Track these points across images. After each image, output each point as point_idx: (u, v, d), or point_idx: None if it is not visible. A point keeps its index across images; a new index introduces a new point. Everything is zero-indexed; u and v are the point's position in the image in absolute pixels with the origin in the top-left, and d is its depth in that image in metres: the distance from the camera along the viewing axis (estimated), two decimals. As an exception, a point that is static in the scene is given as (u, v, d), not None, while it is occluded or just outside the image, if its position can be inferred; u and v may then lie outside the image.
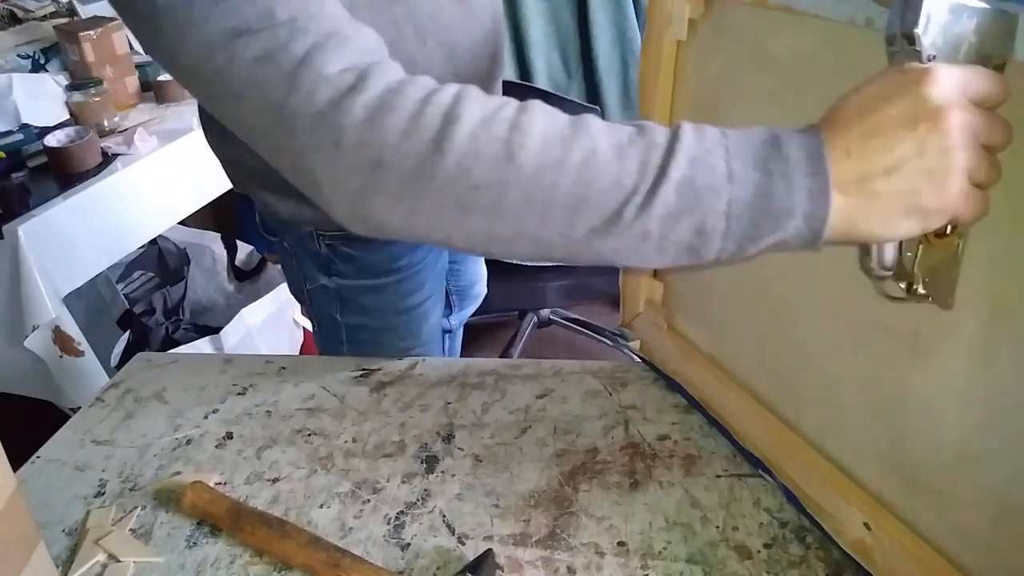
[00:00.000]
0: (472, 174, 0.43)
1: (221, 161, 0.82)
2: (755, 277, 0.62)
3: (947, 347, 0.47)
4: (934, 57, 0.41)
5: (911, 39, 0.41)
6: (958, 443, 0.47)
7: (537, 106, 0.46)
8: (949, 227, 0.44)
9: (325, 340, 0.96)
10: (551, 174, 0.43)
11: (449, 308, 1.16)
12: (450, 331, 1.20)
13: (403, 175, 0.44)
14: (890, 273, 0.46)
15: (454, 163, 0.43)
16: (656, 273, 0.78)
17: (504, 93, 0.96)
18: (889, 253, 0.45)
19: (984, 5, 0.41)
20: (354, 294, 0.88)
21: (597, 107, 1.72)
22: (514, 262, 1.71)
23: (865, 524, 0.54)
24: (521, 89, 1.59)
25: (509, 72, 1.81)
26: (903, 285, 0.47)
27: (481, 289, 1.21)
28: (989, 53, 0.42)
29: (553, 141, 0.43)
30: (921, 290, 0.47)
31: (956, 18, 0.41)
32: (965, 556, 0.48)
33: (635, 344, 0.81)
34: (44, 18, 1.98)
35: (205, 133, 0.80)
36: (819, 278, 0.56)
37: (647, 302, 0.80)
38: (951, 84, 0.40)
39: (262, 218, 0.88)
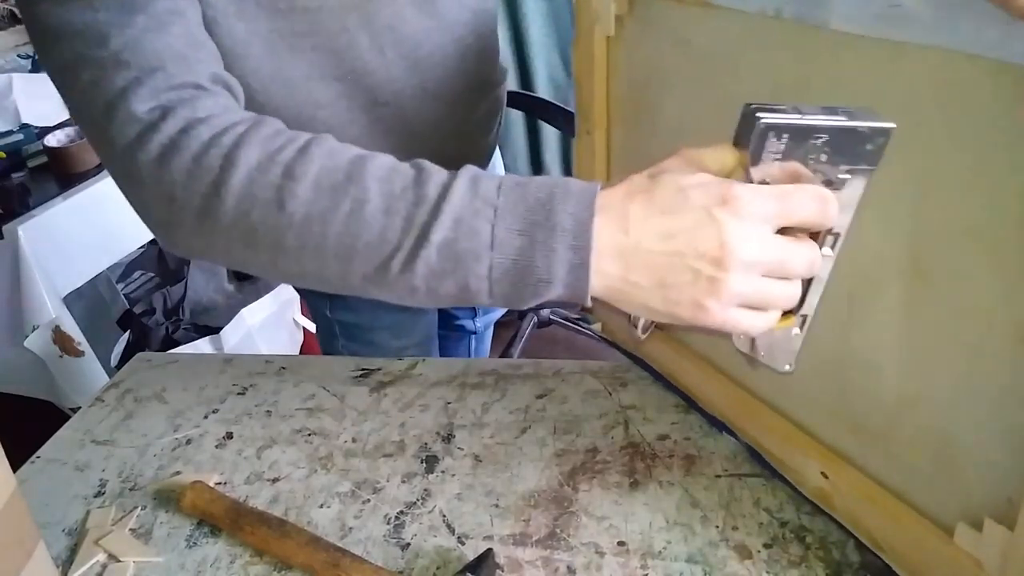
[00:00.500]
0: (249, 217, 0.45)
1: None
2: None
3: (878, 306, 0.50)
4: (765, 181, 0.42)
5: (743, 157, 0.42)
6: (896, 390, 0.51)
7: (320, 148, 0.46)
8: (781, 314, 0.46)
9: (323, 336, 0.96)
10: (320, 224, 0.44)
11: (473, 310, 1.16)
12: (475, 332, 1.18)
13: (192, 212, 0.47)
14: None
15: (232, 207, 0.45)
16: None
17: (515, 103, 0.96)
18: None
19: (830, 123, 0.40)
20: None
21: None
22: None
23: (823, 473, 0.57)
24: (522, 99, 1.59)
25: (509, 72, 1.81)
26: (745, 350, 0.56)
27: None
28: (851, 166, 0.42)
29: (324, 190, 0.45)
30: (761, 357, 0.54)
31: (796, 142, 0.41)
32: (913, 492, 0.52)
33: (596, 326, 0.81)
34: (44, 18, 1.97)
35: None
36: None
37: None
38: (759, 215, 0.40)
39: None
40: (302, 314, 1.90)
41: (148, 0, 0.49)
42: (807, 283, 0.47)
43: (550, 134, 2.00)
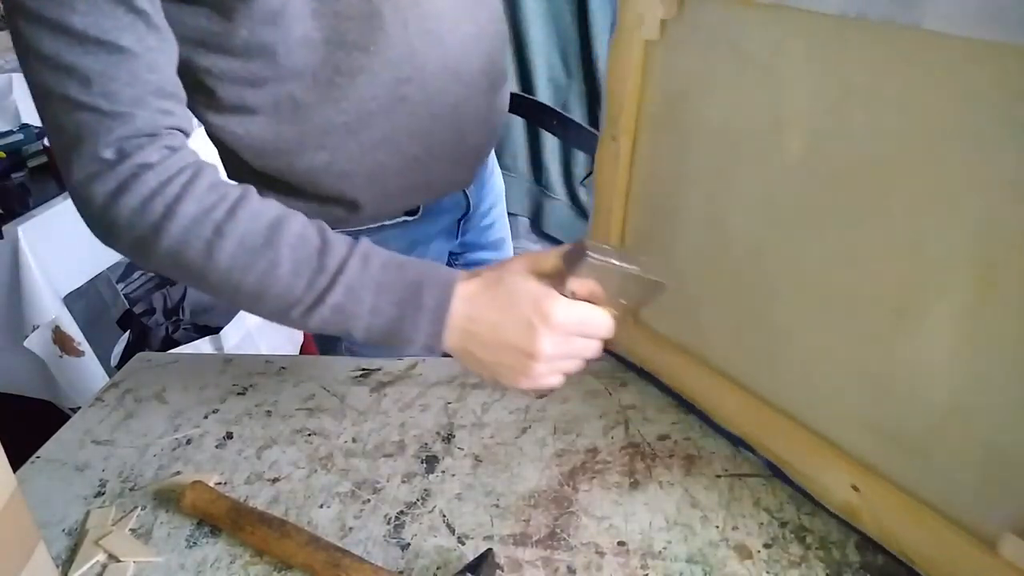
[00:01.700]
0: (181, 258, 0.56)
1: (220, 157, 0.82)
2: (729, 262, 0.63)
3: (934, 316, 0.48)
4: (574, 294, 0.58)
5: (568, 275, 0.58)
6: (946, 401, 0.49)
7: (245, 211, 0.56)
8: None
9: (323, 341, 0.96)
10: (239, 274, 0.56)
11: None
12: None
13: (129, 243, 0.57)
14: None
15: (166, 248, 0.56)
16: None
17: (512, 106, 0.97)
18: None
19: (624, 269, 0.58)
20: None
21: (595, 115, 1.72)
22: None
23: (853, 487, 0.56)
24: (528, 104, 1.59)
25: (509, 72, 1.81)
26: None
27: None
28: (631, 295, 0.61)
29: (247, 249, 0.56)
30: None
31: (603, 275, 0.58)
32: (952, 504, 0.51)
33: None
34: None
35: (206, 129, 0.81)
36: (799, 257, 0.57)
37: None
38: (561, 327, 0.56)
39: None
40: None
41: (133, 57, 0.55)
42: None
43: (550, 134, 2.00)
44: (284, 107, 0.71)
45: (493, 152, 1.01)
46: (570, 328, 0.57)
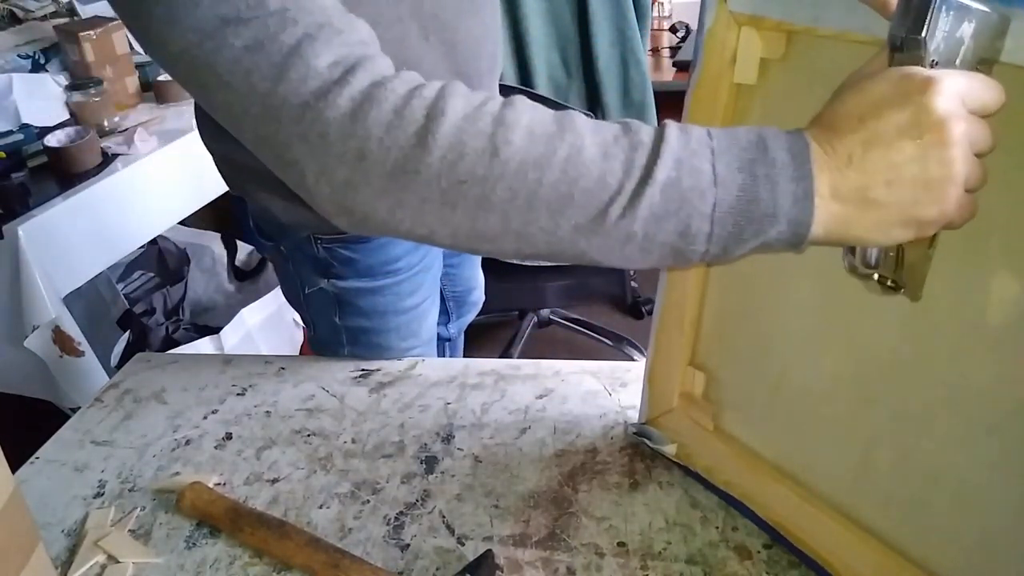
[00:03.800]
0: (456, 169, 0.43)
1: (216, 159, 0.82)
2: (854, 370, 0.51)
3: None
4: (936, 63, 0.41)
5: (917, 44, 0.41)
6: None
7: (522, 101, 0.45)
8: None
9: (324, 344, 0.96)
10: (536, 171, 0.43)
11: (447, 315, 1.16)
12: (449, 340, 1.19)
13: (387, 169, 0.44)
14: (873, 271, 0.46)
15: (438, 158, 0.43)
16: (695, 359, 0.65)
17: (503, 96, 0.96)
18: (874, 252, 0.45)
19: (984, 8, 0.41)
20: (353, 296, 0.88)
21: (593, 115, 1.72)
22: (514, 262, 1.71)
23: None
24: (520, 93, 1.59)
25: (509, 72, 1.80)
26: (877, 279, 0.47)
27: (479, 296, 1.20)
28: (983, 56, 0.42)
29: (538, 137, 0.43)
30: (897, 284, 0.47)
31: (957, 22, 0.41)
32: None
33: (670, 448, 0.65)
34: (44, 18, 1.98)
35: (200, 130, 0.80)
36: (963, 372, 0.45)
37: (683, 395, 0.66)
38: (954, 94, 0.40)
39: (257, 222, 0.87)
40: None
41: None
42: None
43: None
44: None
45: None
46: (966, 93, 0.40)
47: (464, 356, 1.25)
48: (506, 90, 0.94)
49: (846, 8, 0.44)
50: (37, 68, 1.89)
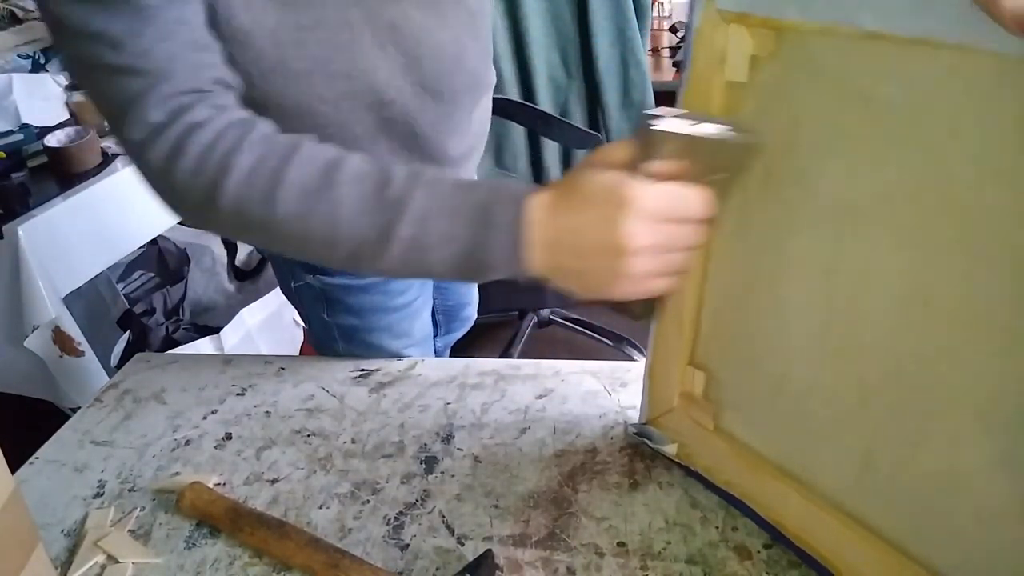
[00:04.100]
0: (244, 215, 0.54)
1: None
2: (856, 370, 0.51)
3: None
4: (654, 175, 0.49)
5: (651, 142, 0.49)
6: None
7: (301, 154, 0.54)
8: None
9: (319, 340, 0.96)
10: (304, 223, 0.54)
11: (435, 328, 1.15)
12: (436, 353, 1.18)
13: (195, 206, 0.56)
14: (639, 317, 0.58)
15: (227, 206, 0.54)
16: (694, 358, 0.64)
17: (504, 112, 0.95)
18: None
19: (711, 134, 0.49)
20: (340, 293, 0.88)
21: (599, 135, 1.71)
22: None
23: None
24: (523, 110, 1.57)
25: (509, 72, 1.80)
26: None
27: (470, 313, 1.19)
28: (721, 165, 0.51)
29: (308, 194, 0.53)
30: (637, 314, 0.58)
31: (682, 146, 0.49)
32: None
33: (671, 448, 0.66)
34: (44, 18, 1.97)
35: None
36: (964, 371, 0.44)
37: (683, 395, 0.66)
38: (646, 212, 0.49)
39: None
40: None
41: (157, 12, 0.53)
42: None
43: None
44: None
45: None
46: (658, 212, 0.49)
47: (464, 356, 1.25)
48: (510, 106, 0.94)
49: (832, 2, 0.44)
50: (37, 68, 1.89)
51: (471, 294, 1.17)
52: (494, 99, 0.90)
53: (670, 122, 0.48)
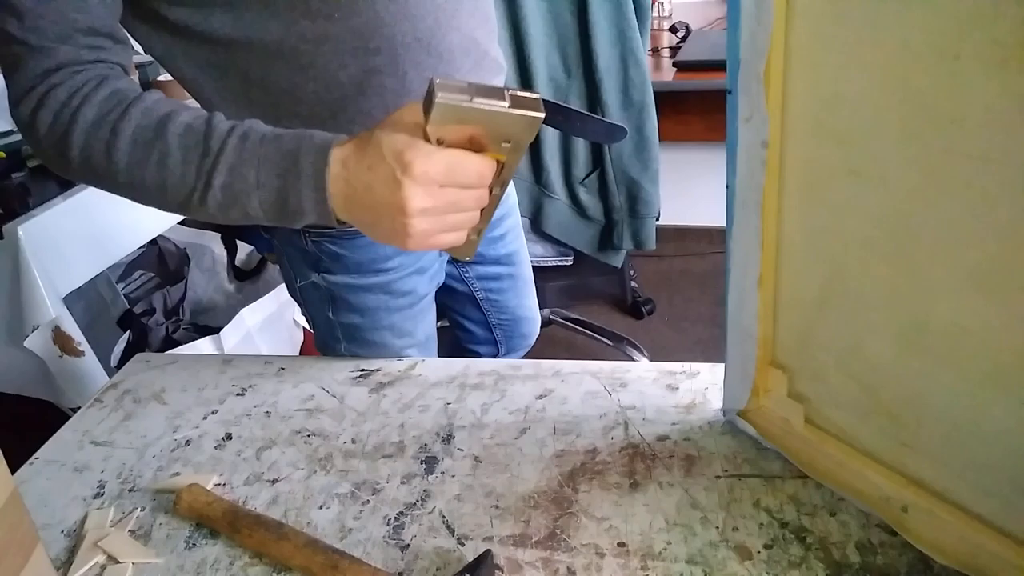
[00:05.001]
0: (89, 164, 0.60)
1: None
2: (955, 364, 0.48)
3: None
4: (441, 141, 0.53)
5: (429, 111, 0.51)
6: None
7: (140, 105, 0.59)
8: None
9: (322, 339, 0.96)
10: (138, 171, 0.59)
11: (495, 346, 1.13)
12: None
13: (53, 157, 0.62)
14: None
15: (76, 156, 0.60)
16: (775, 360, 0.63)
17: None
18: None
19: (487, 108, 0.51)
20: (344, 292, 0.88)
21: (624, 126, 1.70)
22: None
23: None
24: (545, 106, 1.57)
25: (509, 72, 1.80)
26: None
27: (530, 330, 1.16)
28: (507, 137, 0.54)
29: (139, 145, 0.59)
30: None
31: (464, 116, 0.51)
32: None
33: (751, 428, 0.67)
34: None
35: None
36: None
37: (766, 394, 0.66)
38: (426, 176, 0.53)
39: None
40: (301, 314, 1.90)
41: None
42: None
43: (548, 131, 2.00)
44: (254, 82, 0.71)
45: None
46: (436, 178, 0.53)
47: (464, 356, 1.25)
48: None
49: None
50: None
51: (525, 306, 1.13)
52: None
53: (449, 93, 0.50)
